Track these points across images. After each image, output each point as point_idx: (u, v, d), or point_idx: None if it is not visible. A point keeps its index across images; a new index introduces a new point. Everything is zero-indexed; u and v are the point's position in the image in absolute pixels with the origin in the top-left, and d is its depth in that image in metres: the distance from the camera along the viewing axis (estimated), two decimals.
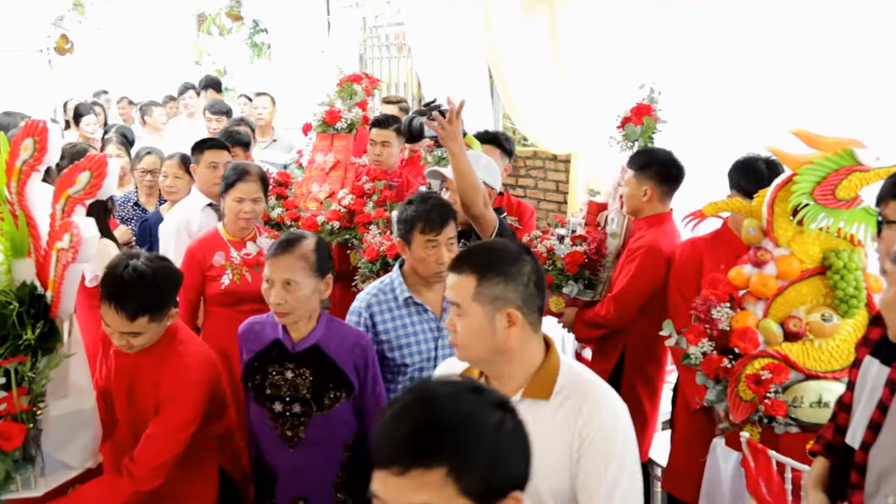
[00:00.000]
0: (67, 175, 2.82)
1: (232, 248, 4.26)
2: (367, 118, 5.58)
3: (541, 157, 7.57)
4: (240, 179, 4.21)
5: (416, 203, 3.35)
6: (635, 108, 4.43)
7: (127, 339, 2.88)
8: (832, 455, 2.59)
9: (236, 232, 4.30)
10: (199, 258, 4.21)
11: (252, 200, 4.23)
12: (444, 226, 3.27)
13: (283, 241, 3.10)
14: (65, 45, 11.15)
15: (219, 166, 4.83)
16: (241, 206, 4.21)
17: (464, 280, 2.17)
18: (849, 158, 3.05)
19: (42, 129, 2.81)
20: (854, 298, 3.21)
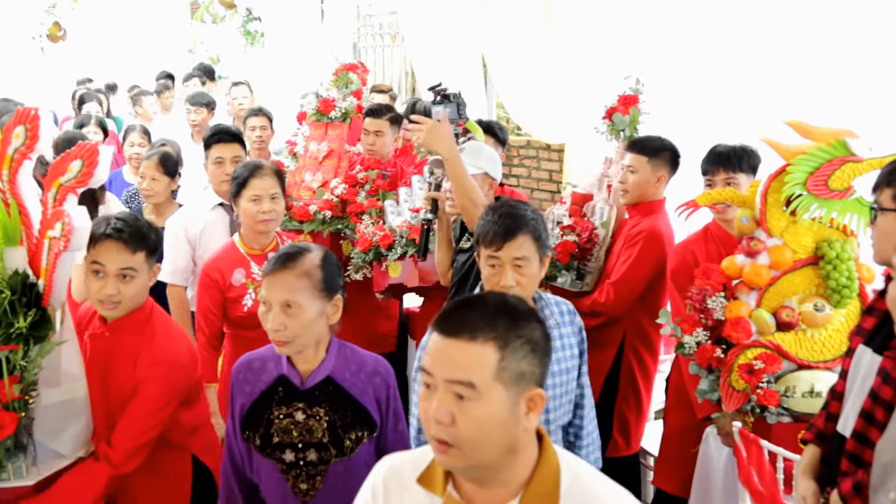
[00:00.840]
0: (59, 163, 2.81)
1: (253, 262, 3.78)
2: (362, 107, 5.57)
3: (534, 147, 7.56)
4: (252, 175, 3.75)
5: (487, 212, 2.84)
6: (621, 98, 4.45)
7: (118, 288, 2.87)
8: (824, 443, 2.61)
9: (255, 242, 3.83)
10: (215, 278, 3.75)
11: (270, 198, 3.74)
12: (507, 239, 2.71)
13: (281, 254, 2.61)
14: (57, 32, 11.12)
15: (224, 162, 4.46)
16: (259, 207, 3.72)
17: (479, 351, 1.63)
18: (842, 149, 3.05)
19: (34, 116, 2.80)
20: (846, 288, 3.22)
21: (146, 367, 2.90)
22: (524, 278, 2.71)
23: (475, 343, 1.62)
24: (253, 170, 3.78)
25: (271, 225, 3.80)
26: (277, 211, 3.79)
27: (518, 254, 2.69)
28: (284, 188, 3.92)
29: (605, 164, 4.57)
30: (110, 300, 2.90)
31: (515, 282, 2.70)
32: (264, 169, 3.80)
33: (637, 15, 5.37)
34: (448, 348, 1.64)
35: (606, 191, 4.48)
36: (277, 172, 3.88)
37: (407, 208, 4.81)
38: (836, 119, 3.33)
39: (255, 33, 10.68)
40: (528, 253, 2.70)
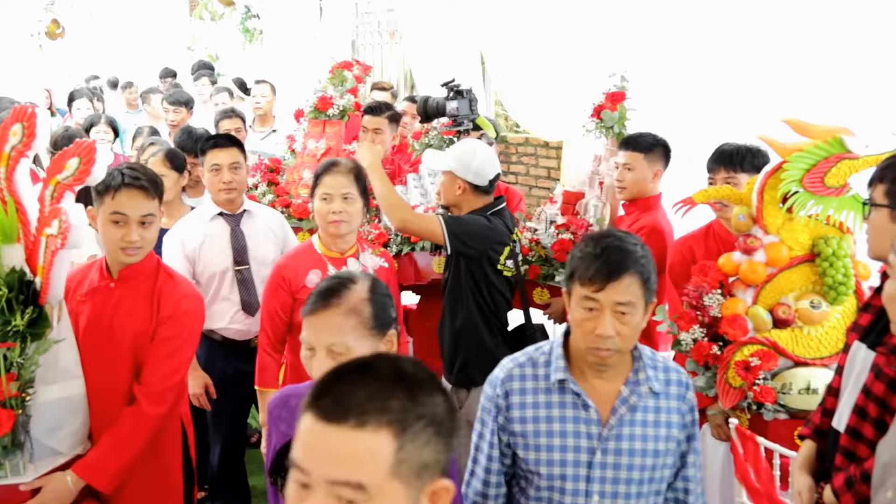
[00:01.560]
0: (56, 161, 2.81)
1: (330, 265, 3.53)
2: (360, 105, 5.57)
3: (532, 144, 7.57)
4: (325, 172, 3.53)
5: (586, 241, 2.31)
6: (609, 95, 4.46)
7: (140, 234, 2.95)
8: (820, 439, 2.62)
9: (332, 245, 3.59)
10: (288, 277, 3.54)
11: (342, 198, 3.47)
12: (611, 279, 2.19)
13: (322, 290, 2.24)
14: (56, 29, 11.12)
15: (222, 169, 4.12)
16: (329, 206, 3.46)
17: (371, 440, 1.26)
18: (838, 146, 3.06)
19: (31, 114, 2.80)
20: (843, 285, 3.22)
21: (172, 304, 3.02)
22: (626, 327, 2.21)
23: (365, 430, 1.25)
24: (327, 166, 3.55)
25: (342, 227, 3.50)
26: (350, 212, 3.48)
27: (622, 298, 2.18)
28: (365, 188, 3.57)
29: (595, 161, 4.58)
30: (133, 246, 2.96)
31: (615, 331, 2.20)
32: (339, 166, 3.53)
33: (635, 13, 5.38)
34: (328, 438, 1.25)
35: (598, 188, 4.49)
36: (356, 171, 3.56)
37: None
38: (833, 116, 3.33)
39: (253, 31, 10.69)
40: (633, 297, 2.20)
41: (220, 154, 4.13)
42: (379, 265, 3.63)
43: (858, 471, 2.32)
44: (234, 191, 4.15)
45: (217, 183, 4.12)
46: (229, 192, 4.12)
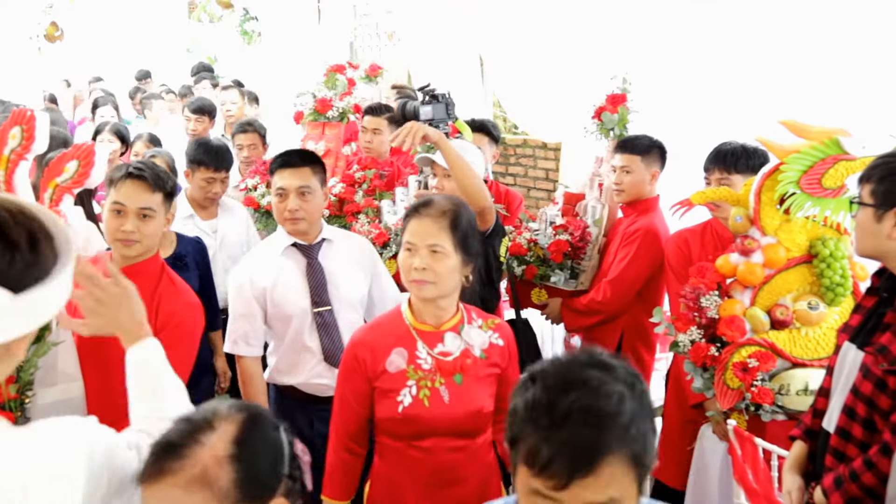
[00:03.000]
0: (55, 164, 2.82)
1: (420, 341, 2.69)
2: (359, 107, 5.59)
3: (531, 146, 7.58)
4: (413, 215, 2.69)
5: (537, 389, 1.49)
6: (610, 97, 4.47)
7: (137, 226, 2.93)
8: (811, 439, 2.64)
9: (426, 313, 2.73)
10: (363, 358, 2.71)
11: (429, 251, 2.60)
12: (578, 474, 1.40)
13: (161, 445, 1.62)
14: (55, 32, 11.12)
15: (288, 194, 3.46)
16: (411, 260, 2.62)
17: None
18: (835, 147, 3.06)
19: (30, 117, 2.81)
20: (840, 287, 3.23)
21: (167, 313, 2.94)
22: None
23: None
24: (416, 208, 2.72)
25: (426, 290, 2.63)
26: (439, 272, 2.60)
27: (601, 497, 1.42)
28: (464, 240, 2.65)
29: (597, 163, 4.59)
30: (128, 237, 2.95)
31: None
32: (431, 207, 2.67)
33: (634, 14, 5.39)
34: None
35: (598, 190, 4.50)
36: (452, 216, 2.65)
37: (403, 207, 4.82)
38: (830, 118, 3.34)
39: (252, 32, 10.69)
40: (619, 492, 1.44)
41: (286, 176, 3.44)
42: (489, 343, 2.76)
43: (847, 470, 2.34)
44: (303, 220, 3.47)
45: (282, 210, 3.45)
46: (295, 223, 3.46)
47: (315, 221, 3.52)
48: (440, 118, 4.19)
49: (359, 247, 3.72)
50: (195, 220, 4.66)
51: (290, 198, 3.41)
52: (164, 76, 10.90)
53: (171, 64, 11.54)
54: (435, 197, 2.71)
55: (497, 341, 2.76)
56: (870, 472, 2.28)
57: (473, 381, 2.68)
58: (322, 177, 3.53)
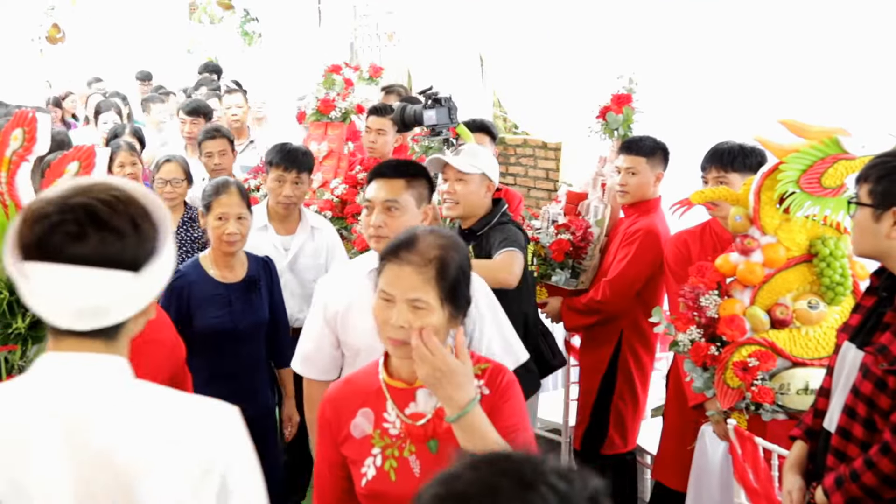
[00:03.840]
0: (56, 165, 2.82)
1: (389, 399, 2.21)
2: (362, 107, 5.59)
3: (531, 146, 7.58)
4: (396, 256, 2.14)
5: None
6: (615, 97, 4.47)
7: None
8: (811, 439, 2.64)
9: (401, 367, 2.23)
10: (328, 418, 2.28)
11: (410, 305, 2.08)
12: None
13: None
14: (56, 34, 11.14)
15: (373, 206, 2.96)
16: (388, 315, 2.11)
17: None
18: (834, 147, 3.07)
19: (31, 119, 2.81)
20: (840, 286, 3.23)
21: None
22: None
23: None
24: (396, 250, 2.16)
25: (403, 350, 2.11)
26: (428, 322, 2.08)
27: None
28: (454, 297, 2.14)
29: (600, 162, 4.59)
30: None
31: None
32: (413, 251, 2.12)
33: (634, 14, 5.39)
34: None
35: (601, 189, 4.50)
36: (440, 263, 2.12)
37: None
38: (829, 117, 3.35)
39: (252, 34, 10.70)
40: None
41: (375, 187, 3.01)
42: None
43: (848, 470, 2.34)
44: (386, 239, 2.76)
45: (366, 225, 3.03)
46: (378, 240, 2.93)
47: None
48: (443, 123, 4.19)
49: None
50: (269, 233, 4.27)
51: (374, 211, 2.99)
52: (164, 78, 10.89)
53: (172, 65, 11.53)
54: (420, 234, 2.17)
55: (483, 390, 2.19)
56: (870, 471, 2.28)
57: (452, 447, 2.11)
58: (422, 192, 3.01)
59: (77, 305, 1.50)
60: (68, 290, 1.49)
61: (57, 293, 1.50)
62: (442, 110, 4.19)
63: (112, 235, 1.49)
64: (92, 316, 1.52)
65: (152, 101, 8.70)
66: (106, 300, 1.51)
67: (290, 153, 4.27)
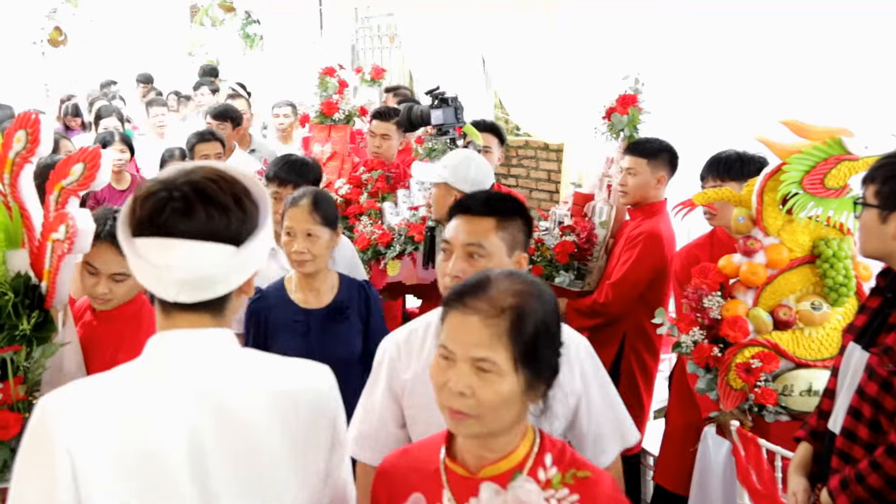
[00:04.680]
0: (61, 166, 2.82)
1: (447, 488, 1.80)
2: (365, 110, 5.60)
3: (532, 147, 7.59)
4: (460, 302, 1.75)
5: None
6: (620, 98, 4.46)
7: (110, 287, 2.87)
8: (816, 440, 2.64)
9: (465, 449, 1.82)
10: (377, 496, 1.91)
11: (473, 366, 1.69)
12: None
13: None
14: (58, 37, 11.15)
15: (453, 248, 2.33)
16: (446, 378, 1.72)
17: None
18: (838, 147, 3.07)
19: (34, 120, 2.81)
20: (844, 287, 3.23)
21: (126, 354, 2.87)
22: None
23: None
24: (461, 295, 1.77)
25: (465, 426, 1.73)
26: (484, 400, 1.69)
27: None
28: (533, 359, 1.72)
29: (607, 163, 4.59)
30: (103, 297, 2.90)
31: None
32: (482, 297, 1.73)
33: (636, 15, 5.39)
34: None
35: (607, 190, 4.50)
36: (515, 315, 1.71)
37: (406, 207, 4.83)
38: (832, 118, 3.35)
39: (254, 36, 10.72)
40: None
41: (456, 226, 2.39)
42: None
43: (853, 472, 2.34)
44: None
45: (443, 270, 2.42)
46: None
47: None
48: (450, 122, 4.20)
49: None
50: (277, 257, 3.75)
51: (453, 256, 2.37)
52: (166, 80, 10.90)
53: (173, 68, 11.54)
54: (494, 277, 1.76)
55: (571, 499, 1.74)
56: (875, 473, 2.28)
57: None
58: (516, 236, 2.39)
59: (185, 277, 1.57)
60: (177, 263, 1.56)
61: (167, 266, 1.56)
62: (448, 110, 4.20)
63: (217, 211, 1.58)
64: (199, 288, 1.60)
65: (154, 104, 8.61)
66: (212, 273, 1.59)
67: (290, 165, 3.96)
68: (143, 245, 1.58)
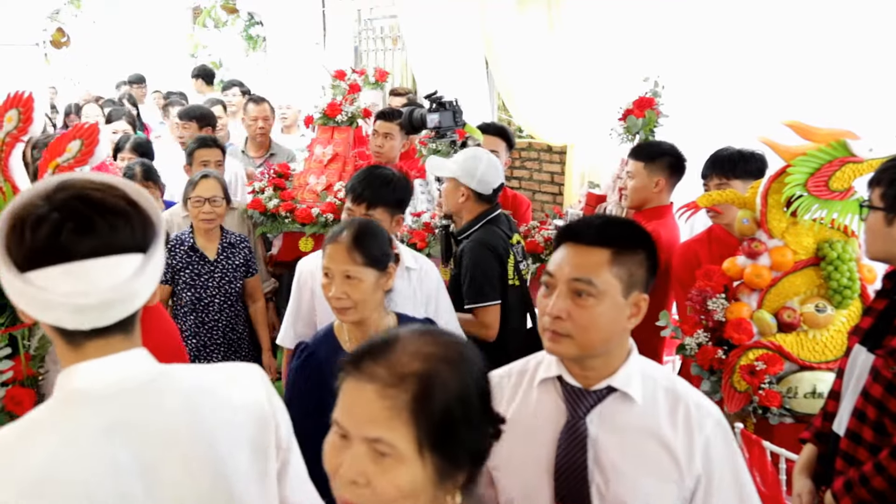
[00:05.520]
0: (55, 144, 2.80)
1: None
2: (369, 112, 5.59)
3: (535, 149, 7.57)
4: (353, 366, 1.49)
5: None
6: (637, 100, 4.45)
7: None
8: (821, 442, 2.63)
9: None
10: None
11: (370, 448, 1.39)
12: None
13: None
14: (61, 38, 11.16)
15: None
16: (340, 459, 1.42)
17: None
18: (842, 150, 3.06)
19: (27, 99, 2.80)
20: (848, 289, 3.22)
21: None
22: None
23: None
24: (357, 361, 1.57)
25: None
26: (378, 489, 1.40)
27: None
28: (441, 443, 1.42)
29: (621, 165, 4.57)
30: None
31: None
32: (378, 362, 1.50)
33: (639, 16, 5.38)
34: None
35: (619, 193, 4.49)
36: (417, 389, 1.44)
37: (408, 213, 4.82)
38: (837, 120, 3.34)
39: (256, 38, 10.71)
40: None
41: (562, 256, 1.98)
42: None
43: (857, 474, 2.33)
44: (567, 339, 1.93)
45: (542, 310, 1.98)
46: (556, 340, 1.93)
47: (604, 350, 1.95)
48: (447, 125, 4.19)
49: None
50: (411, 276, 3.46)
51: (555, 292, 1.95)
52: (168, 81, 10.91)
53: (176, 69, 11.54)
54: (403, 336, 1.46)
55: None
56: (880, 475, 2.27)
57: None
58: (635, 273, 2.00)
59: (99, 300, 1.42)
60: (88, 287, 1.41)
61: (78, 293, 1.40)
62: (446, 113, 4.19)
63: (120, 220, 1.44)
64: (114, 308, 1.45)
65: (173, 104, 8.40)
66: (126, 289, 1.44)
67: (368, 180, 3.45)
68: (43, 277, 1.40)
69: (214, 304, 4.40)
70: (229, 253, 4.48)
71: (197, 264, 4.37)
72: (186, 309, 4.37)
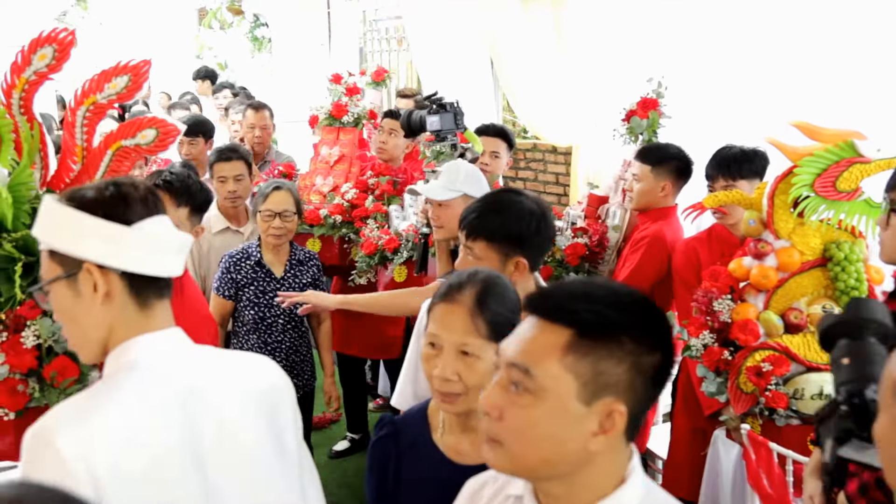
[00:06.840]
0: (126, 127, 2.77)
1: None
2: (374, 113, 5.59)
3: (540, 150, 7.56)
4: None
5: None
6: (641, 101, 4.44)
7: None
8: None
9: None
10: None
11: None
12: None
13: None
14: None
15: None
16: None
17: None
18: (849, 150, 3.05)
19: (64, 38, 2.71)
20: (855, 290, 3.21)
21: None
22: None
23: None
24: None
25: None
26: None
27: None
28: None
29: (623, 166, 4.57)
30: None
31: None
32: None
33: (645, 18, 5.38)
34: None
35: (622, 194, 4.49)
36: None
37: (412, 213, 4.81)
38: (844, 120, 3.33)
39: (262, 39, 10.71)
40: None
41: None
42: None
43: (872, 477, 2.32)
44: None
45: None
46: None
47: (552, 473, 1.49)
48: (448, 128, 4.13)
49: None
50: None
51: (496, 375, 1.60)
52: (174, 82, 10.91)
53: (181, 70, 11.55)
54: None
55: None
56: None
57: None
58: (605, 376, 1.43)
59: (181, 241, 1.75)
60: (172, 231, 1.73)
61: (171, 236, 1.72)
62: (447, 116, 4.12)
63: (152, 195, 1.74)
64: (184, 251, 1.77)
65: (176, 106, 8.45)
66: (184, 236, 1.76)
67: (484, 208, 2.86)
68: (148, 225, 1.69)
69: (278, 324, 4.16)
70: (297, 270, 4.23)
71: (263, 280, 4.12)
72: (248, 328, 4.15)
